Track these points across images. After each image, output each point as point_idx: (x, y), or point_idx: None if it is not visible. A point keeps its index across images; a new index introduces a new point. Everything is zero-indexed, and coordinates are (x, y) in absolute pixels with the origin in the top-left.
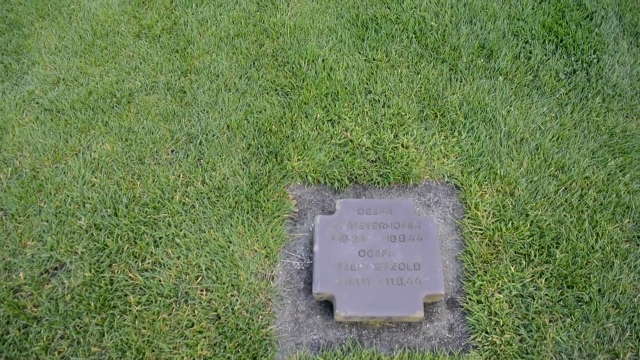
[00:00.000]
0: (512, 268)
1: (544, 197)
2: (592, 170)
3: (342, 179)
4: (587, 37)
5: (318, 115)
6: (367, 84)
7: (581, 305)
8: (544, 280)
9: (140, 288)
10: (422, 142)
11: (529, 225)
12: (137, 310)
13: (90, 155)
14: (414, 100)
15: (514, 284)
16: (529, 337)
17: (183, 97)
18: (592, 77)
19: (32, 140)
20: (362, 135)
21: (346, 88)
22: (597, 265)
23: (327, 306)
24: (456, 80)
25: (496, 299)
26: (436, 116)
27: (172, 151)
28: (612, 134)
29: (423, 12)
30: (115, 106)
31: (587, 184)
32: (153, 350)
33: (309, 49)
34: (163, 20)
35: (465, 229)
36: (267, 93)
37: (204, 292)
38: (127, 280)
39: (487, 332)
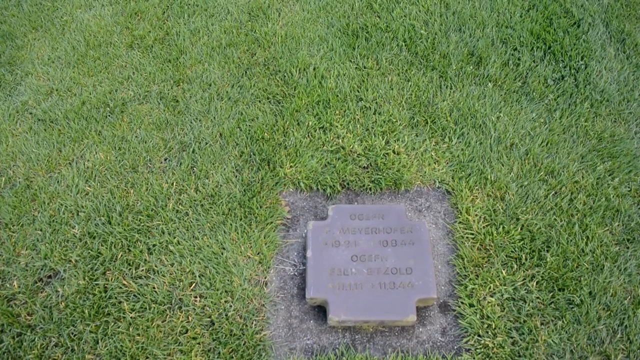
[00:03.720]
0: (503, 271)
1: (534, 202)
2: (581, 174)
3: (334, 185)
4: (575, 44)
5: (310, 123)
6: (358, 91)
7: (572, 307)
8: (535, 283)
9: (134, 295)
10: (413, 148)
11: (519, 229)
12: (131, 317)
13: (84, 164)
14: (404, 107)
15: (505, 287)
16: (521, 339)
17: (176, 106)
18: (580, 83)
19: (26, 150)
20: (354, 142)
21: (337, 96)
22: (587, 268)
23: (321, 311)
24: (446, 87)
25: (488, 302)
26: (427, 122)
27: (165, 159)
28: (601, 138)
29: (413, 21)
30: (109, 116)
31: (577, 188)
32: (147, 357)
33: (300, 57)
34: (155, 31)
35: (456, 234)
36: (259, 101)
37: (198, 299)
38: (121, 288)
39: (479, 335)
